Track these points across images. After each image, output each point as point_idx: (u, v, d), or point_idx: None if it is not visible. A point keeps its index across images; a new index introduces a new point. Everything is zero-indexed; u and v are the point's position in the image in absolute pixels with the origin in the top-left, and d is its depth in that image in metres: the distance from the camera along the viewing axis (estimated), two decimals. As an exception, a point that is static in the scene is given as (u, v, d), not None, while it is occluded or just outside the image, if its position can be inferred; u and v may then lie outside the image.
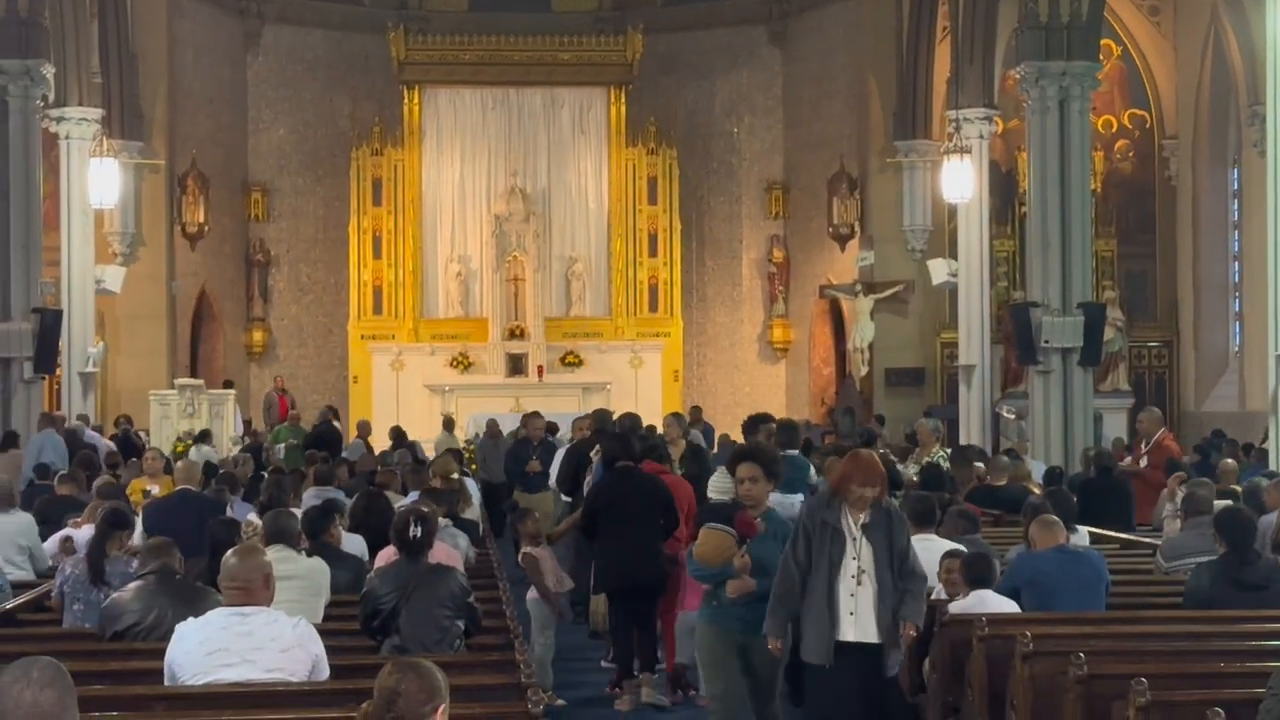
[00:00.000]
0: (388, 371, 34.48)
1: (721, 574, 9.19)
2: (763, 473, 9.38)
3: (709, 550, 9.18)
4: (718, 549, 9.14)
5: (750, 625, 9.13)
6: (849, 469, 8.71)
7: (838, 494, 8.71)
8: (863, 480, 8.63)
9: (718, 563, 9.13)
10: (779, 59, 37.06)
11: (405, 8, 37.09)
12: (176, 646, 7.49)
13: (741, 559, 9.12)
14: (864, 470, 8.67)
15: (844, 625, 8.58)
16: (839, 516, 8.66)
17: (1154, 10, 33.12)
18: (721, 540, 9.16)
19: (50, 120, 26.77)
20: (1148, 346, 33.10)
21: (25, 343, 23.82)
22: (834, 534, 8.64)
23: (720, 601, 9.27)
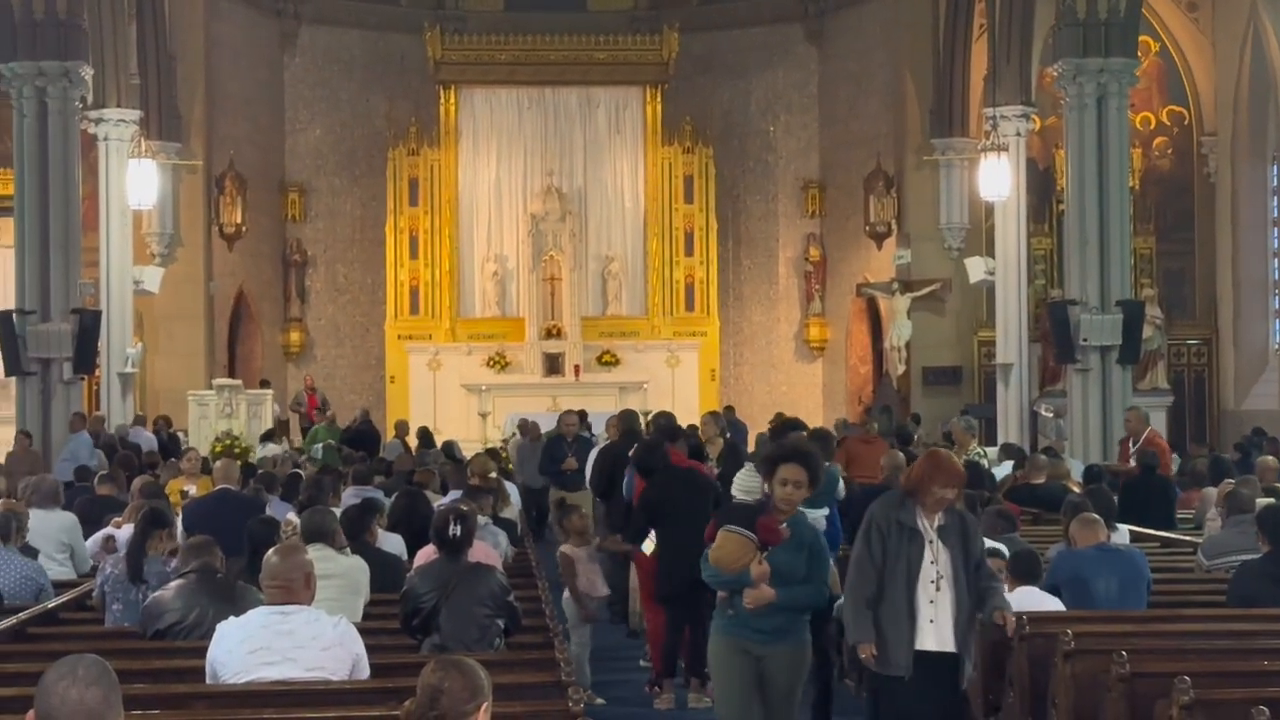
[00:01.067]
0: (425, 371, 34.53)
1: (738, 581, 8.49)
2: (807, 478, 8.61)
3: (726, 555, 8.52)
4: (735, 554, 8.48)
5: (768, 637, 8.56)
6: (929, 469, 8.29)
7: (913, 495, 8.31)
8: (945, 481, 8.24)
9: (735, 569, 8.48)
10: (815, 57, 37.01)
11: (441, 8, 37.15)
12: (218, 645, 7.51)
13: (760, 566, 8.42)
14: (946, 471, 8.28)
15: (924, 634, 8.20)
16: (914, 518, 8.26)
17: (1192, 6, 32.95)
18: (740, 545, 8.48)
19: (89, 122, 26.88)
20: (1187, 344, 32.93)
21: (65, 343, 23.94)
22: (911, 536, 8.25)
23: (736, 611, 8.55)
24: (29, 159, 24.11)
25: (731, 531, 8.55)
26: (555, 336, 34.25)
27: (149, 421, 27.48)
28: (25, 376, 24.14)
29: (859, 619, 8.31)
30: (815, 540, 8.69)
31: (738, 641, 8.61)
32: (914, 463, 8.75)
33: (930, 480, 8.24)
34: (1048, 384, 29.75)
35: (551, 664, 8.16)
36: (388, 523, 12.41)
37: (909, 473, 8.58)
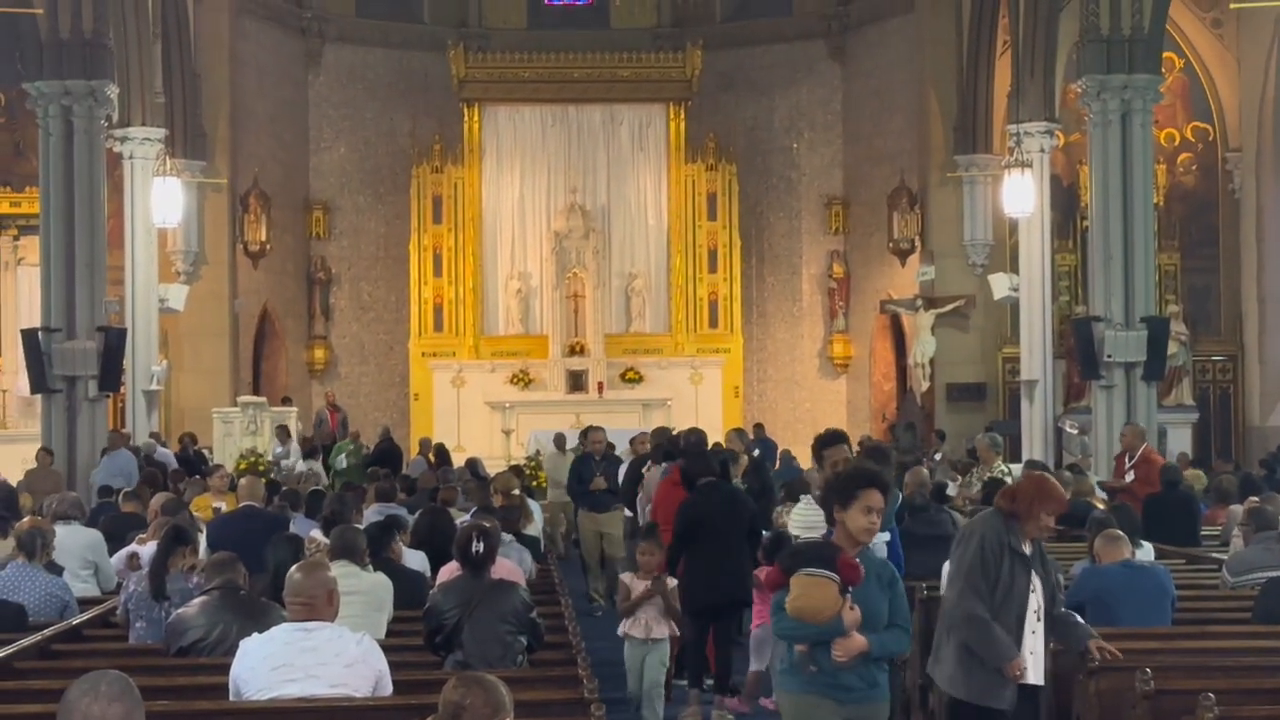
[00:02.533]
0: (448, 389, 34.56)
1: (826, 632, 7.40)
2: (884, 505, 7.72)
3: (812, 603, 7.38)
4: (822, 601, 7.36)
5: (858, 694, 7.53)
6: (1038, 493, 7.85)
7: (1017, 519, 7.87)
8: (1053, 508, 7.88)
9: (824, 618, 7.37)
10: (839, 74, 37.01)
11: (465, 26, 37.25)
12: (241, 662, 7.52)
13: (851, 612, 7.40)
14: (1055, 497, 7.90)
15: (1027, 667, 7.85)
16: (1021, 544, 7.84)
17: (1217, 22, 32.89)
18: (825, 589, 7.38)
19: (114, 140, 26.99)
20: (1212, 360, 32.83)
21: (90, 361, 24.00)
22: (1021, 563, 7.85)
23: (821, 666, 7.41)
24: (55, 177, 24.19)
25: (812, 575, 7.42)
26: (579, 354, 34.27)
27: (173, 439, 27.57)
28: (51, 394, 24.21)
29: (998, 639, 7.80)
30: (894, 575, 7.72)
31: (820, 701, 7.50)
32: (1018, 484, 8.22)
33: (1040, 505, 7.87)
34: (1072, 400, 29.69)
35: (574, 681, 8.16)
36: (411, 540, 12.43)
37: (1014, 495, 8.03)
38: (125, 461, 22.46)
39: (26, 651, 9.32)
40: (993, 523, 7.95)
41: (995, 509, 8.07)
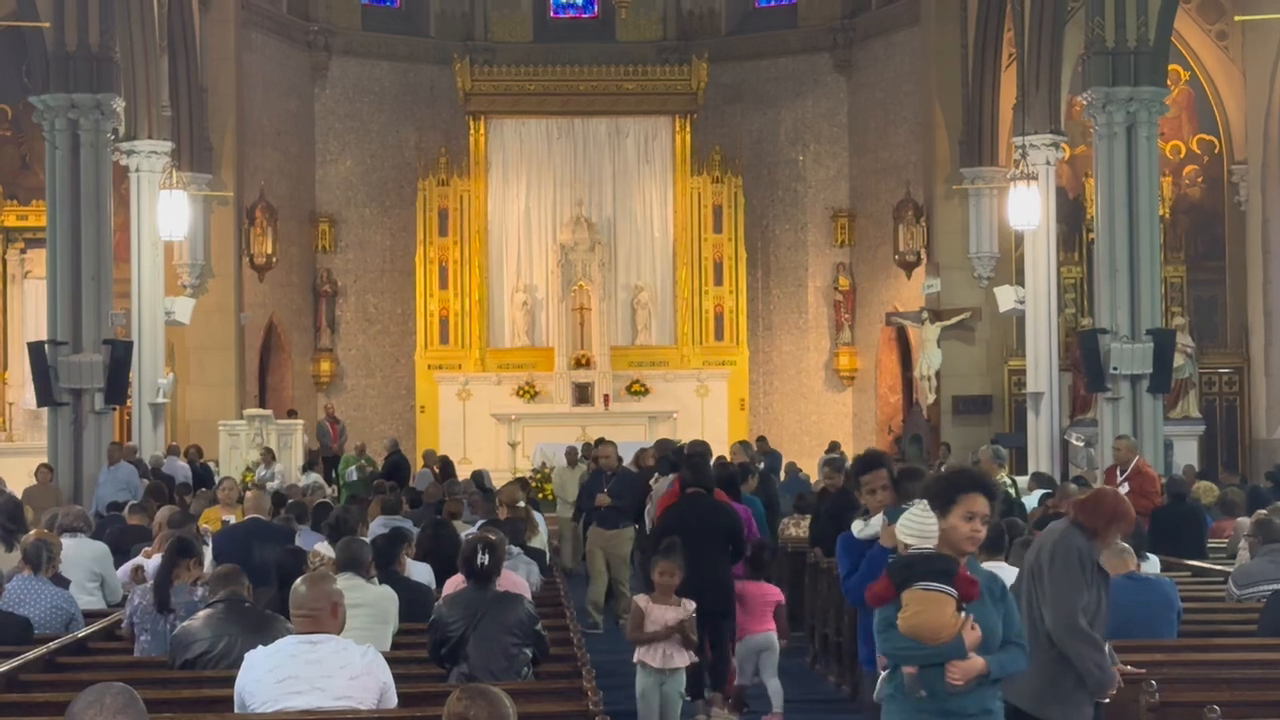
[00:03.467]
0: (454, 401, 34.57)
1: (943, 653, 6.67)
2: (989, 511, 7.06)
3: (931, 620, 6.66)
4: (942, 618, 6.66)
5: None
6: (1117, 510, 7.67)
7: (1095, 534, 7.70)
8: (1125, 528, 7.78)
9: (944, 637, 6.66)
10: (844, 86, 37.04)
11: (471, 39, 37.31)
12: (246, 674, 7.52)
13: (973, 631, 6.69)
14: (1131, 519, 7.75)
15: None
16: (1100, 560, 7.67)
17: (1222, 35, 32.90)
18: (946, 607, 6.67)
19: (120, 153, 27.02)
20: (1218, 373, 32.80)
21: (96, 374, 24.01)
22: (1102, 580, 7.70)
23: (932, 691, 6.68)
24: (61, 191, 24.23)
25: (930, 590, 6.67)
26: (585, 366, 34.28)
27: (181, 452, 27.58)
28: (57, 407, 24.23)
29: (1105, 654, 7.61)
30: (1004, 589, 7.01)
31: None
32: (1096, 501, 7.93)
33: (1116, 524, 7.73)
34: (1078, 413, 29.65)
35: (579, 694, 8.16)
36: (417, 552, 12.44)
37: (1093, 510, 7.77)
38: (127, 474, 22.45)
39: (32, 664, 9.33)
40: (1078, 539, 7.72)
41: (1074, 523, 7.84)
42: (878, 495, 9.47)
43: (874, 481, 9.65)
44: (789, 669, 14.54)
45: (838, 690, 14.77)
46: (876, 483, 9.62)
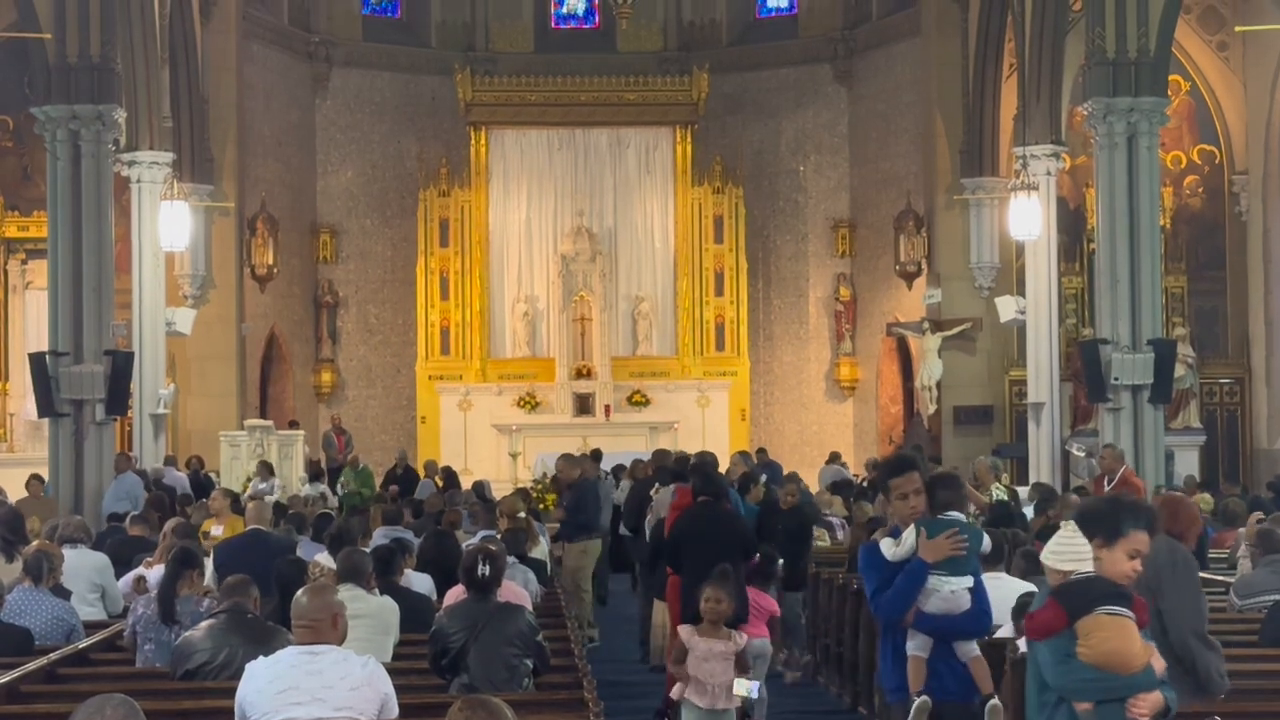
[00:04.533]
0: (455, 412, 34.57)
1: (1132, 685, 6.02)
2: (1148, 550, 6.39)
3: (1125, 648, 5.99)
4: (1134, 647, 6.01)
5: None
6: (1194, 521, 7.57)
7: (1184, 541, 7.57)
8: (1196, 536, 7.68)
9: (1136, 667, 6.00)
10: (845, 97, 37.07)
11: (472, 50, 37.34)
12: (247, 685, 7.51)
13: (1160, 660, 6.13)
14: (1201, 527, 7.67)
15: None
16: None
17: (1222, 45, 32.93)
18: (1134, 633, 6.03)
19: (122, 164, 27.03)
20: (1219, 383, 32.80)
21: (97, 385, 23.98)
22: None
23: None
24: (62, 201, 24.22)
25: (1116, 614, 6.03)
26: (585, 377, 34.28)
27: (180, 463, 27.57)
28: (58, 418, 24.21)
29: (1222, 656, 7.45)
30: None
31: None
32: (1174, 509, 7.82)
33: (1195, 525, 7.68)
34: (1079, 423, 29.66)
35: (580, 704, 8.15)
36: (418, 563, 12.44)
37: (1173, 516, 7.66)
38: (131, 485, 22.46)
39: (33, 675, 9.32)
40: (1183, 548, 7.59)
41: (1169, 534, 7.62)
42: (910, 501, 8.25)
43: (905, 486, 8.36)
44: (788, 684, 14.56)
45: (839, 701, 14.77)
46: (908, 487, 8.34)
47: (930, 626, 8.03)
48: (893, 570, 8.02)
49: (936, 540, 7.95)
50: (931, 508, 8.18)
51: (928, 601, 7.99)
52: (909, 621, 8.01)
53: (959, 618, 8.05)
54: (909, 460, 8.63)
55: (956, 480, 8.51)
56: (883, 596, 8.07)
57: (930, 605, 8.01)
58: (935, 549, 7.94)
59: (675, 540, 13.22)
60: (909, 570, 7.99)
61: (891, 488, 8.45)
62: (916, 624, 8.01)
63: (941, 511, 8.12)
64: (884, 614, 8.15)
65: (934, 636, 8.02)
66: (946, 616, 8.03)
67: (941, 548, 7.97)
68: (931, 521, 8.02)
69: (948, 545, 7.99)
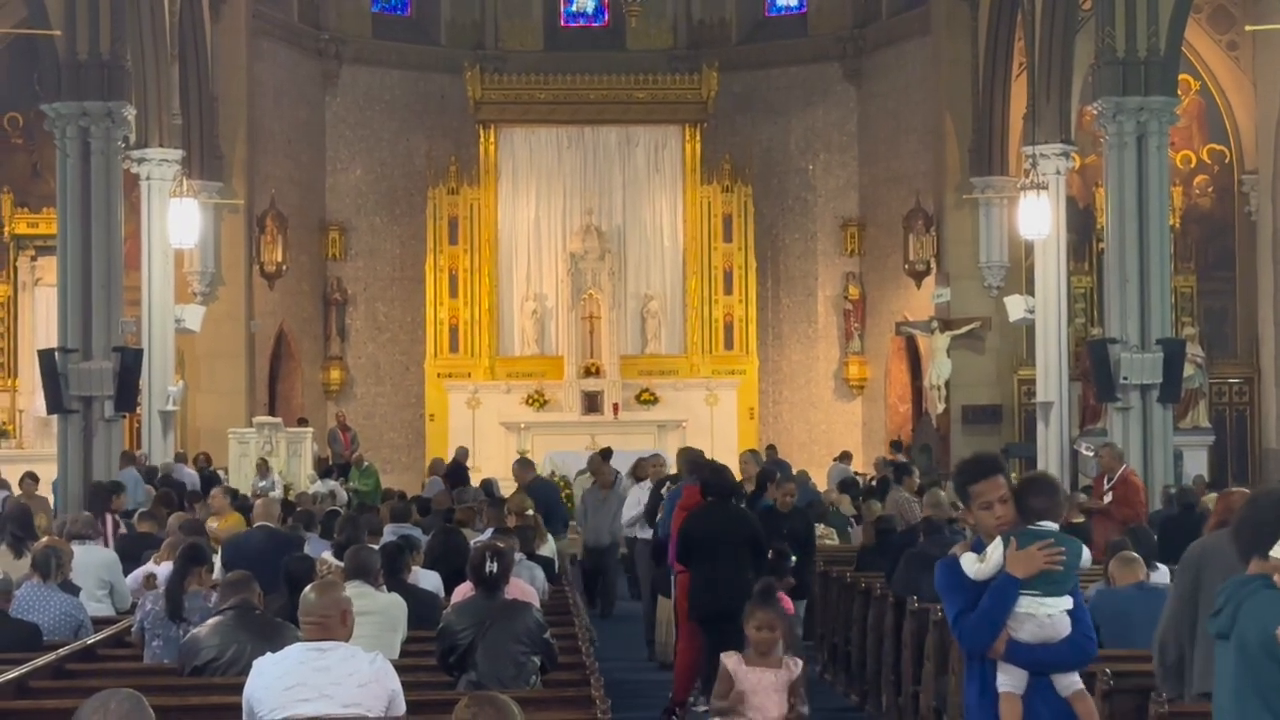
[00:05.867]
0: (464, 409, 34.58)
1: None
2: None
3: None
4: None
5: None
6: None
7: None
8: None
9: None
10: (854, 96, 37.04)
11: (481, 48, 37.34)
12: (255, 681, 7.53)
13: None
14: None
15: None
16: None
17: (1232, 45, 32.88)
18: None
19: (131, 161, 27.04)
20: (1228, 383, 32.75)
21: (106, 381, 24.00)
22: None
23: None
24: (72, 198, 24.24)
25: None
26: (594, 375, 34.29)
27: (189, 459, 27.59)
28: (67, 414, 24.24)
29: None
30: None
31: None
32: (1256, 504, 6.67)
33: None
34: (1088, 422, 29.64)
35: (587, 702, 8.15)
36: (426, 560, 12.45)
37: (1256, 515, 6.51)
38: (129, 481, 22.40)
39: (41, 671, 9.34)
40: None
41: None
42: (995, 511, 6.89)
43: (990, 492, 6.99)
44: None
45: (846, 699, 14.78)
46: (993, 494, 6.98)
47: (1026, 657, 6.78)
48: (978, 591, 6.80)
49: (1027, 550, 6.71)
50: (1022, 517, 6.87)
51: (1021, 627, 6.76)
52: (999, 652, 6.77)
53: (1058, 646, 6.81)
54: (993, 462, 7.24)
55: (1053, 485, 7.18)
56: (966, 621, 6.84)
57: (1024, 632, 6.78)
58: (1026, 561, 6.70)
59: (685, 537, 13.23)
60: (996, 589, 6.75)
61: (973, 495, 7.01)
62: (1009, 654, 6.76)
63: (1034, 522, 6.85)
64: (969, 642, 6.91)
65: (1029, 669, 6.79)
66: (1044, 645, 6.78)
67: (1034, 559, 6.71)
68: (1022, 532, 6.79)
69: (1041, 557, 6.72)
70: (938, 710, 11.72)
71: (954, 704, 11.11)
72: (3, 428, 30.82)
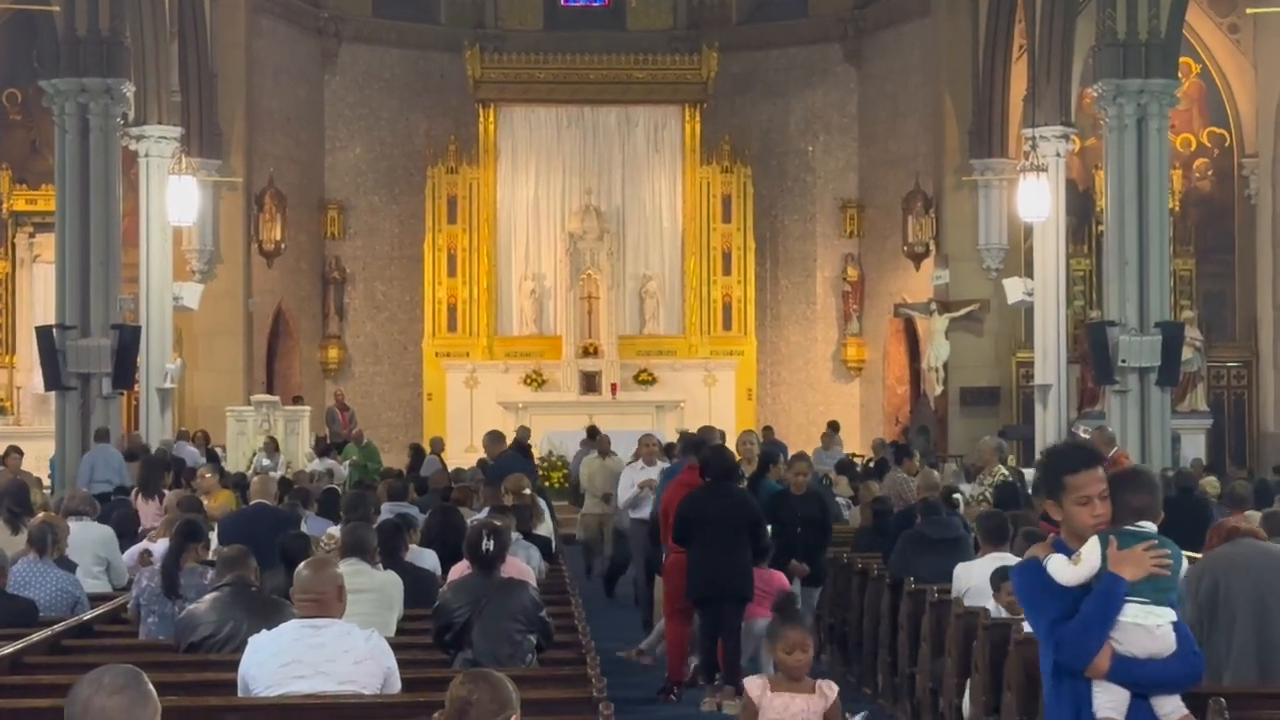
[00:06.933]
0: (462, 389, 34.57)
1: None
2: None
3: None
4: None
5: None
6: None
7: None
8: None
9: None
10: (854, 77, 36.99)
11: (481, 27, 37.26)
12: (250, 658, 7.53)
13: None
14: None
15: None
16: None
17: (1234, 28, 32.83)
18: None
19: (130, 138, 27.02)
20: (1226, 366, 32.76)
21: (104, 359, 24.02)
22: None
23: None
24: (70, 175, 24.24)
25: None
26: (592, 355, 34.27)
27: (190, 437, 27.58)
28: (65, 391, 24.25)
29: None
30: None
31: None
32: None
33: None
34: (1086, 405, 29.64)
35: (583, 680, 8.15)
36: (423, 538, 12.45)
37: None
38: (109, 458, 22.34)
39: (37, 646, 9.34)
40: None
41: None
42: (1094, 508, 5.86)
43: (1090, 486, 5.90)
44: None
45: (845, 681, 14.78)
46: (1094, 489, 5.89)
47: (1132, 675, 5.76)
48: (1071, 597, 5.77)
49: (1134, 551, 5.76)
50: (1115, 517, 5.89)
51: (1127, 640, 5.74)
52: (1104, 669, 5.74)
53: (1166, 663, 5.79)
54: (1094, 452, 6.14)
55: (1154, 481, 6.18)
56: (1065, 630, 5.76)
57: (1131, 645, 5.75)
58: (1135, 562, 5.75)
59: (683, 518, 13.20)
60: (1102, 592, 5.72)
61: (1069, 487, 5.90)
62: (1113, 672, 5.74)
63: (1131, 521, 5.90)
64: (1069, 655, 5.77)
65: (1133, 689, 5.77)
66: (1152, 662, 5.77)
67: (1143, 561, 5.76)
68: (1121, 532, 5.85)
69: (1148, 559, 5.77)
70: (934, 691, 11.73)
71: (949, 685, 11.13)
72: (1, 404, 30.81)
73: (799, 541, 14.55)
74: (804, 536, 14.61)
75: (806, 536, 14.58)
